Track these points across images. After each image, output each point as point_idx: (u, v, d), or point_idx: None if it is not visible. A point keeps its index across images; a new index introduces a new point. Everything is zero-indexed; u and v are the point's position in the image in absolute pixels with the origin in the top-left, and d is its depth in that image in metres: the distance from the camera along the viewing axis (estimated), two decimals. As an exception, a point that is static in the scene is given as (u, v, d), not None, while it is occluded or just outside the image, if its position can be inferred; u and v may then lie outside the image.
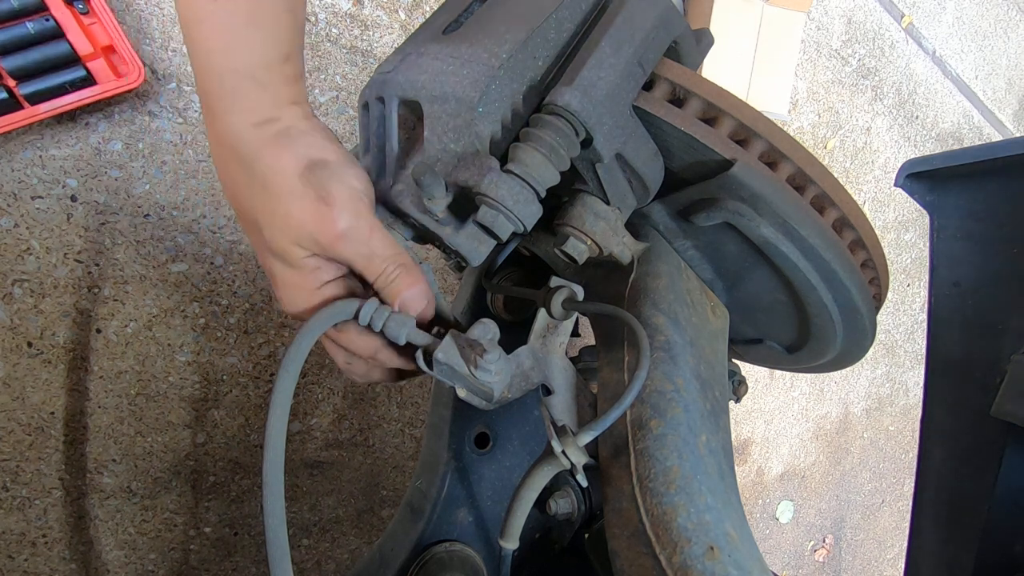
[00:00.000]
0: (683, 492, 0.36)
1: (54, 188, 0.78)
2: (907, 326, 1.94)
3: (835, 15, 1.53)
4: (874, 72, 1.64)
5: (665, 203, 0.43)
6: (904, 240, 1.85)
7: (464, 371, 0.35)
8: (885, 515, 2.05)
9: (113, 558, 0.88)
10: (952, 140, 1.88)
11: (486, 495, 0.52)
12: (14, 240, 0.77)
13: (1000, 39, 1.92)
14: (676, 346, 0.41)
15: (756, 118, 0.37)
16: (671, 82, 0.37)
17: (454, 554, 0.49)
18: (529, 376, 0.43)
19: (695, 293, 0.48)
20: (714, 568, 0.33)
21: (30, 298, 0.79)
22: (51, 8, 0.69)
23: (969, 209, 0.61)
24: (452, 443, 0.51)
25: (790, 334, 0.54)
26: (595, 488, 0.55)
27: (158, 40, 0.82)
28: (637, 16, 0.34)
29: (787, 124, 1.51)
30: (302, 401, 0.99)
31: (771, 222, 0.38)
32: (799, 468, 1.76)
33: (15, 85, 0.70)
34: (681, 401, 0.39)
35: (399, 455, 1.09)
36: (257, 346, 0.94)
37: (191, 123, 0.86)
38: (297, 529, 1.02)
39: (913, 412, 2.02)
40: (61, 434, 0.82)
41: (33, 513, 0.82)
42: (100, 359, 0.83)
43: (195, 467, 0.92)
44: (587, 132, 0.33)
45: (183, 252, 0.87)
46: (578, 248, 0.40)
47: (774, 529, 1.74)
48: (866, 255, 0.43)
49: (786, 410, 1.69)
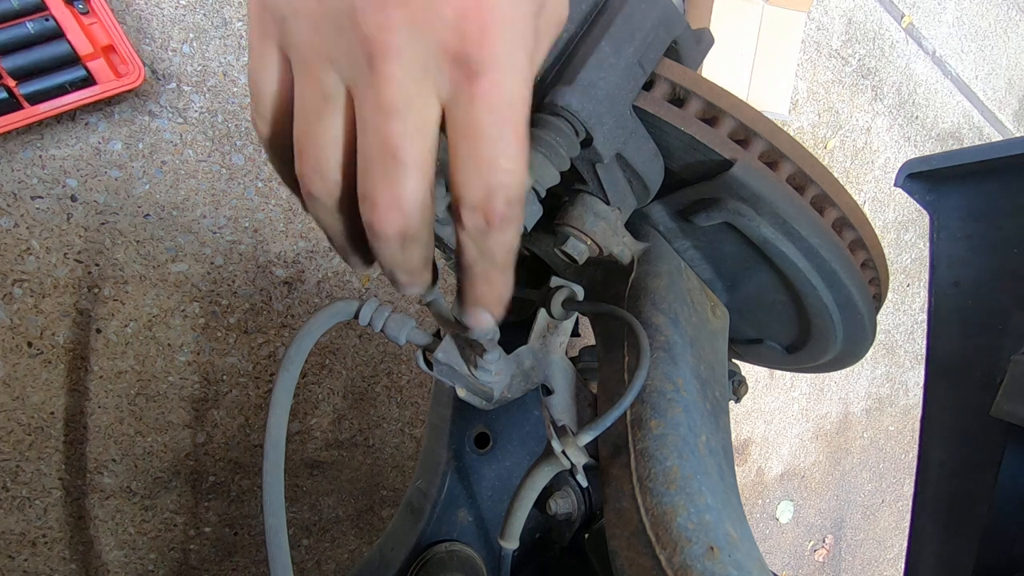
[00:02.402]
0: (683, 492, 0.36)
1: (54, 188, 0.78)
2: (907, 326, 1.94)
3: (835, 15, 1.53)
4: (874, 72, 1.64)
5: (665, 203, 0.43)
6: (904, 240, 1.85)
7: (464, 371, 0.35)
8: (885, 515, 2.05)
9: (113, 558, 0.88)
10: (952, 140, 1.88)
11: (486, 495, 0.52)
12: (14, 240, 0.77)
13: (1000, 39, 1.92)
14: (676, 346, 0.41)
15: (756, 118, 0.37)
16: (671, 82, 0.37)
17: (454, 554, 0.49)
18: (529, 376, 0.43)
19: (695, 293, 0.48)
20: (714, 568, 0.33)
21: (30, 298, 0.79)
22: (51, 8, 0.69)
23: (969, 209, 0.61)
24: (452, 443, 0.51)
25: (790, 334, 0.54)
26: (595, 488, 0.55)
27: (158, 40, 0.82)
28: (637, 16, 0.34)
29: (787, 124, 1.51)
30: (302, 401, 0.99)
31: (771, 222, 0.38)
32: (799, 468, 1.76)
33: (15, 85, 0.70)
34: (681, 401, 0.39)
35: (399, 455, 1.09)
36: (257, 346, 0.94)
37: (191, 123, 0.86)
38: (297, 529, 1.02)
39: (913, 412, 2.02)
40: (61, 434, 0.82)
41: (33, 513, 0.82)
42: (100, 359, 0.83)
43: (195, 467, 0.92)
44: (587, 132, 0.33)
45: (183, 252, 0.87)
46: (578, 248, 0.40)
47: (774, 529, 1.74)
48: (866, 255, 0.43)
49: (786, 410, 1.69)
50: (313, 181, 0.23)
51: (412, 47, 0.20)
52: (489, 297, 0.26)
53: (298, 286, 0.96)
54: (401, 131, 0.20)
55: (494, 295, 0.26)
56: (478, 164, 0.21)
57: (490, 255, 0.24)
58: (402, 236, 0.22)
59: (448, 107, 0.21)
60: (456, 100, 0.21)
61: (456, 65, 0.20)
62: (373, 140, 0.21)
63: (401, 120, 0.20)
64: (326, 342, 1.00)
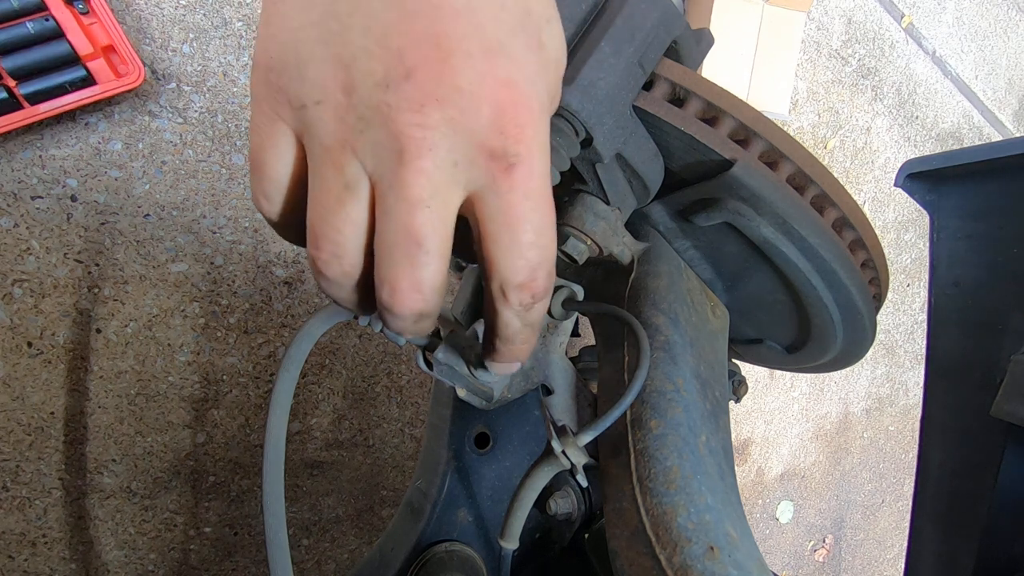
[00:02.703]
0: (683, 492, 0.36)
1: (54, 188, 0.78)
2: (907, 326, 1.94)
3: (835, 15, 1.53)
4: (874, 72, 1.64)
5: (665, 203, 0.43)
6: (904, 240, 1.85)
7: (464, 371, 0.35)
8: (885, 515, 2.05)
9: (113, 558, 0.88)
10: (952, 140, 1.88)
11: (486, 495, 0.52)
12: (14, 240, 0.77)
13: (1000, 39, 1.92)
14: (676, 346, 0.41)
15: (756, 118, 0.37)
16: (671, 82, 0.37)
17: (454, 554, 0.49)
18: (529, 376, 0.43)
19: (695, 293, 0.48)
20: (714, 568, 0.33)
21: (30, 298, 0.79)
22: (51, 8, 0.69)
23: (969, 209, 0.61)
24: (452, 443, 0.51)
25: (790, 334, 0.54)
26: (595, 488, 0.55)
27: (158, 40, 0.82)
28: (637, 16, 0.34)
29: (787, 124, 1.51)
30: (302, 401, 0.99)
31: (771, 222, 0.38)
32: (799, 468, 1.76)
33: (15, 85, 0.70)
34: (681, 401, 0.39)
35: (399, 455, 1.09)
36: (257, 346, 0.94)
37: (191, 123, 0.86)
38: (297, 529, 1.02)
39: (913, 412, 2.02)
40: (61, 434, 0.82)
41: (33, 513, 0.82)
42: (100, 359, 0.83)
43: (195, 467, 0.92)
44: (587, 132, 0.33)
45: (183, 252, 0.87)
46: (578, 248, 0.40)
47: (774, 529, 1.75)
48: (866, 255, 0.43)
49: (786, 410, 1.69)
50: (330, 265, 0.23)
51: (446, 143, 0.20)
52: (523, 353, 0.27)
53: (298, 286, 0.96)
54: (426, 221, 0.21)
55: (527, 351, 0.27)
56: (520, 247, 0.22)
57: (531, 323, 0.25)
58: (419, 316, 0.23)
59: (481, 196, 0.22)
60: (492, 190, 0.22)
61: (492, 159, 0.21)
62: (397, 228, 0.21)
63: (427, 212, 0.21)
64: (326, 342, 1.00)
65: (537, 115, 0.21)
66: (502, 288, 0.23)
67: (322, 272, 0.23)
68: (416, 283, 0.22)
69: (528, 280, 0.23)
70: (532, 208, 0.22)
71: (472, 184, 0.22)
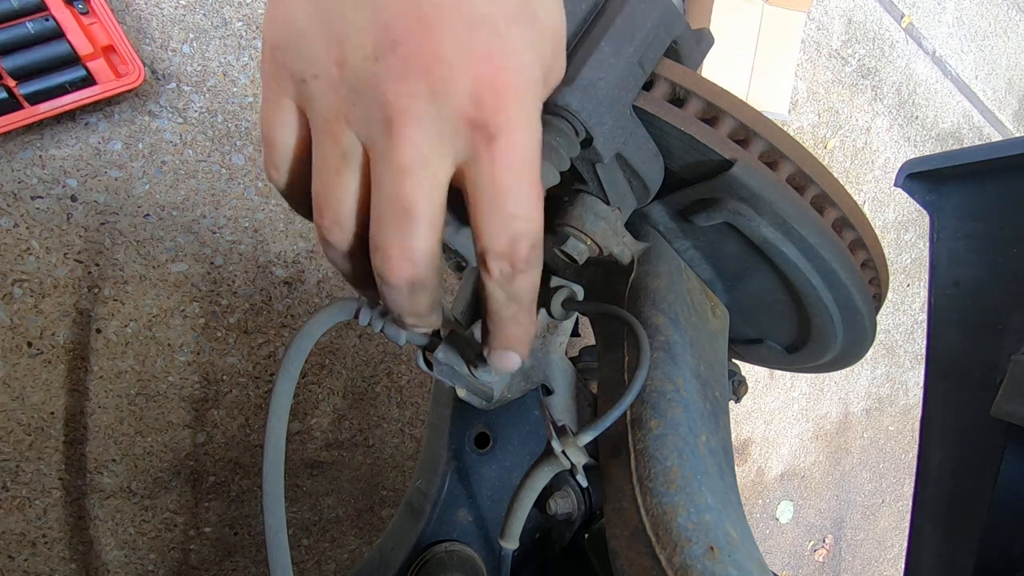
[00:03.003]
0: (683, 492, 0.36)
1: (54, 188, 0.78)
2: (907, 326, 1.94)
3: (835, 15, 1.53)
4: (874, 72, 1.64)
5: (665, 203, 0.43)
6: (904, 240, 1.85)
7: (464, 371, 0.35)
8: (885, 515, 2.05)
9: (113, 558, 0.88)
10: (952, 140, 1.88)
11: (486, 495, 0.52)
12: (14, 240, 0.77)
13: (1000, 39, 1.92)
14: (676, 346, 0.41)
15: (756, 118, 0.37)
16: (671, 82, 0.37)
17: (454, 554, 0.49)
18: (529, 376, 0.43)
19: (695, 293, 0.48)
20: (714, 568, 0.33)
21: (30, 298, 0.79)
22: (51, 8, 0.69)
23: (969, 209, 0.61)
24: (452, 443, 0.51)
25: (790, 334, 0.54)
26: (595, 488, 0.55)
27: (158, 40, 0.82)
28: (637, 16, 0.34)
29: (787, 124, 1.51)
30: (302, 401, 0.99)
31: (771, 222, 0.38)
32: (799, 468, 1.76)
33: (15, 85, 0.70)
34: (681, 401, 0.39)
35: (399, 455, 1.09)
36: (257, 346, 0.94)
37: (191, 123, 0.86)
38: (297, 529, 1.02)
39: (913, 412, 2.02)
40: (61, 434, 0.82)
41: (33, 513, 0.82)
42: (100, 359, 0.83)
43: (195, 467, 0.92)
44: (587, 132, 0.33)
45: (183, 252, 0.87)
46: (578, 248, 0.40)
47: (774, 529, 1.75)
48: (866, 255, 0.43)
49: (786, 410, 1.69)
50: (332, 231, 0.24)
51: (430, 113, 0.21)
52: (517, 339, 0.28)
53: (298, 286, 0.96)
54: (414, 189, 0.22)
55: (521, 336, 0.28)
56: (501, 217, 0.23)
57: (517, 297, 0.26)
58: (411, 284, 0.24)
59: (466, 166, 0.23)
60: (475, 160, 0.22)
61: (474, 129, 0.21)
62: (387, 196, 0.22)
63: (415, 179, 0.22)
64: (326, 342, 1.00)
65: (522, 87, 0.22)
66: (483, 256, 0.24)
67: (326, 239, 0.24)
68: (406, 250, 0.22)
69: (507, 249, 0.23)
70: (513, 179, 0.22)
71: (460, 155, 0.22)
